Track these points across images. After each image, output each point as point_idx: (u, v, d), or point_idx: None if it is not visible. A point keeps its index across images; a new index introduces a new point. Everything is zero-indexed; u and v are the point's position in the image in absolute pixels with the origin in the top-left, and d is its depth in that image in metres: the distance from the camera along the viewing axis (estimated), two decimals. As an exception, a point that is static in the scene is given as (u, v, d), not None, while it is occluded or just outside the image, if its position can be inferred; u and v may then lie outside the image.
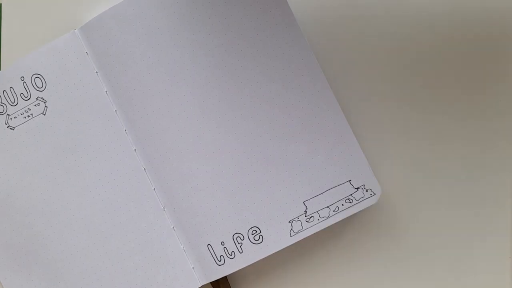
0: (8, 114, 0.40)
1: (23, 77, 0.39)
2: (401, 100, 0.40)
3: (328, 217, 0.37)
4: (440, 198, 0.40)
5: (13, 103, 0.40)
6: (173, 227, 0.39)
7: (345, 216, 0.37)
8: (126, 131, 0.39)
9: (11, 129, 0.40)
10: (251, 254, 0.38)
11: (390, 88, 0.40)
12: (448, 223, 0.40)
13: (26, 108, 0.39)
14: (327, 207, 0.37)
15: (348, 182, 0.37)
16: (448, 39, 0.39)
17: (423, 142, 0.40)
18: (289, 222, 0.38)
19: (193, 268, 0.39)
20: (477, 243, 0.40)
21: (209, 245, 0.38)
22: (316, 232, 0.38)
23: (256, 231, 0.38)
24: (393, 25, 0.39)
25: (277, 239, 0.38)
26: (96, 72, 0.39)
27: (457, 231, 0.40)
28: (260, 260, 0.38)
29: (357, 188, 0.37)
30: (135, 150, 0.39)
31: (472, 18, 0.39)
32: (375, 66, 0.39)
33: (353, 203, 0.37)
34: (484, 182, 0.40)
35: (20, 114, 0.40)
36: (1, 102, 0.40)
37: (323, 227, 0.37)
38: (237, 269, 0.38)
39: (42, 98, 0.39)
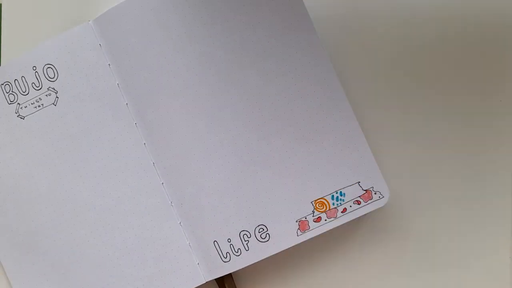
0: (18, 103, 0.40)
1: (35, 66, 0.39)
2: (404, 102, 0.40)
3: (336, 218, 0.37)
4: (440, 198, 0.40)
5: (24, 92, 0.39)
6: (180, 223, 0.39)
7: (353, 218, 0.37)
8: (137, 124, 0.39)
9: (21, 118, 0.40)
10: (257, 252, 0.38)
11: (396, 90, 0.40)
12: (448, 223, 0.40)
13: (37, 98, 0.39)
14: (335, 207, 0.37)
15: (357, 183, 0.37)
16: (449, 39, 0.39)
17: (424, 142, 0.40)
18: (296, 221, 0.38)
19: (198, 264, 0.39)
20: (477, 243, 0.40)
21: (215, 242, 0.38)
22: (323, 233, 0.38)
23: (263, 229, 0.38)
24: (396, 28, 0.40)
25: (284, 238, 0.38)
26: (109, 65, 0.38)
27: (457, 231, 0.40)
28: (266, 258, 0.38)
29: (365, 190, 0.37)
30: (144, 144, 0.39)
31: (473, 18, 0.39)
32: (379, 68, 0.40)
33: (361, 205, 0.37)
34: (484, 182, 0.40)
35: (30, 104, 0.39)
36: (12, 91, 0.40)
37: (330, 228, 0.37)
38: (243, 266, 0.38)
39: (53, 88, 0.39)
